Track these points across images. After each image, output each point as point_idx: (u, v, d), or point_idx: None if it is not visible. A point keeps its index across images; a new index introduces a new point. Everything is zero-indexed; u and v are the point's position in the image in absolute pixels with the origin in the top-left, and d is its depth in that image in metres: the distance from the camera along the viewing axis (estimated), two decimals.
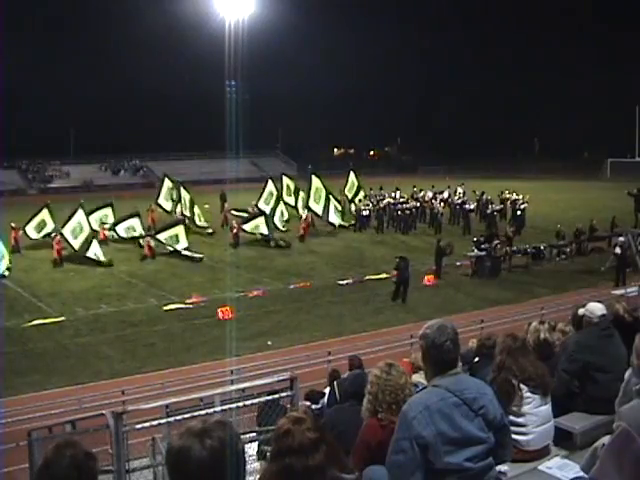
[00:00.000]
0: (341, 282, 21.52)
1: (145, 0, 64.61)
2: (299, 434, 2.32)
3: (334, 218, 31.93)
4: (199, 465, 1.94)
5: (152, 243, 26.24)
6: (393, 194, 36.24)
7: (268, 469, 2.40)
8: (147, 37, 62.28)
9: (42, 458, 2.74)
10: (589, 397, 4.86)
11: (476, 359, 6.39)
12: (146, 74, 63.42)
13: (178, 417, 5.14)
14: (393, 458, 3.08)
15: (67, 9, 63.85)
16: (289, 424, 2.37)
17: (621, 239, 22.09)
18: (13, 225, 27.13)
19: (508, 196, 34.49)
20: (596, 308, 5.26)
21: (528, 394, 4.27)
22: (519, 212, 32.02)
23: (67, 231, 25.57)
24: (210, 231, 31.31)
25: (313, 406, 8.50)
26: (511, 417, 4.23)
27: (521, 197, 33.66)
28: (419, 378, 4.81)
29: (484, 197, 34.71)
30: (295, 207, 34.15)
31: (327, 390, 8.43)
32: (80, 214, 26.32)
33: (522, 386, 4.28)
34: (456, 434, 3.02)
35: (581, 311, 5.44)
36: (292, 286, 21.14)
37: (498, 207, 32.85)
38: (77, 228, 25.84)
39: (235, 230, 28.14)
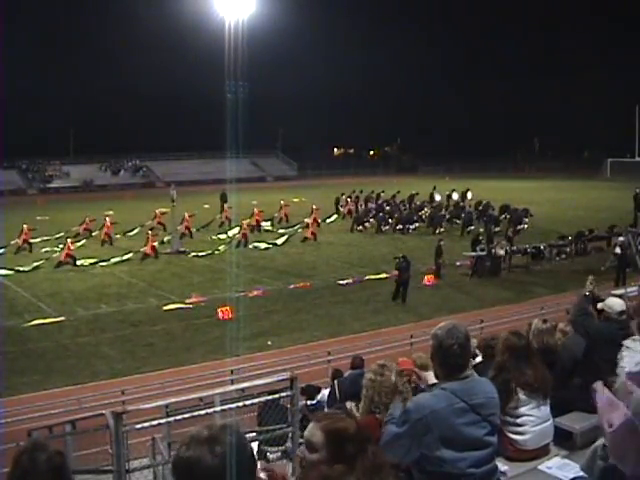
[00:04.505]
0: (341, 282, 21.51)
1: (145, 0, 64.69)
2: (364, 428, 2.49)
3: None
4: (210, 474, 1.88)
5: (156, 243, 26.31)
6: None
7: (351, 466, 2.38)
8: (147, 37, 62.31)
9: (13, 465, 2.55)
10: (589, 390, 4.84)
11: (478, 359, 6.36)
12: (146, 74, 63.46)
13: (178, 417, 5.13)
14: (388, 443, 3.16)
15: (67, 9, 63.92)
16: (350, 425, 2.48)
17: (621, 239, 22.08)
18: (25, 226, 27.33)
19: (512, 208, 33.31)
20: (616, 304, 5.20)
21: (524, 397, 4.26)
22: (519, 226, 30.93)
23: None
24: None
25: (309, 402, 8.49)
26: (507, 417, 4.23)
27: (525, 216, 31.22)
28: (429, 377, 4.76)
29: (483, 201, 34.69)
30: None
31: (327, 389, 8.43)
32: None
33: (519, 389, 4.26)
34: (460, 440, 3.02)
35: (600, 305, 5.39)
36: (292, 286, 21.12)
37: (496, 213, 32.35)
38: None
39: (244, 231, 28.11)
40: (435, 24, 79.28)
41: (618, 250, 21.27)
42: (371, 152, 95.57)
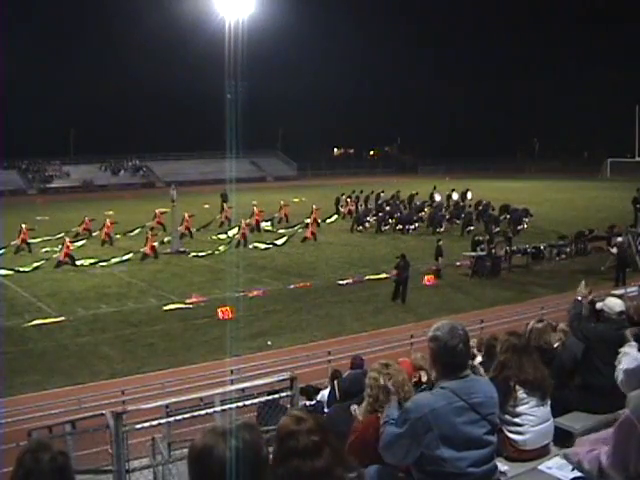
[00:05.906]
0: (341, 282, 21.49)
1: (145, 0, 64.71)
2: (303, 436, 2.26)
3: None
4: (221, 464, 1.91)
5: (155, 243, 26.30)
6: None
7: (274, 472, 2.33)
8: (147, 37, 62.33)
9: (16, 465, 2.51)
10: (589, 391, 4.86)
11: (479, 359, 6.37)
12: (146, 74, 63.50)
13: (178, 417, 5.14)
14: (387, 444, 3.16)
15: (67, 9, 63.94)
16: (293, 425, 2.31)
17: (619, 239, 22.09)
18: (24, 226, 27.32)
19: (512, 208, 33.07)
20: (615, 304, 5.18)
21: (524, 395, 4.27)
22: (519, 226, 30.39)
23: None
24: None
25: (307, 403, 8.48)
26: (507, 416, 4.24)
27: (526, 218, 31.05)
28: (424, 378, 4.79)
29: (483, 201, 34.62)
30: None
31: (327, 389, 8.43)
32: None
33: (518, 387, 4.27)
34: (459, 439, 3.02)
35: (599, 305, 5.38)
36: (292, 286, 21.11)
37: (496, 213, 32.19)
38: None
39: (243, 231, 28.12)
40: (435, 24, 79.37)
41: (615, 250, 21.27)
42: (371, 152, 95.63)
